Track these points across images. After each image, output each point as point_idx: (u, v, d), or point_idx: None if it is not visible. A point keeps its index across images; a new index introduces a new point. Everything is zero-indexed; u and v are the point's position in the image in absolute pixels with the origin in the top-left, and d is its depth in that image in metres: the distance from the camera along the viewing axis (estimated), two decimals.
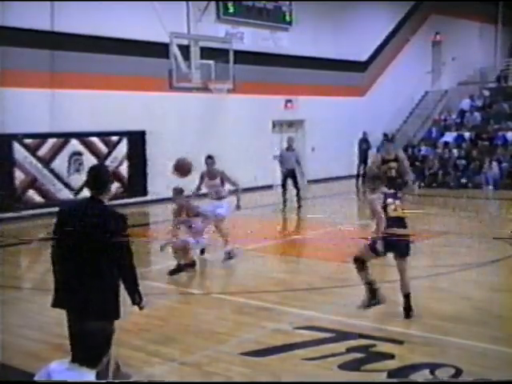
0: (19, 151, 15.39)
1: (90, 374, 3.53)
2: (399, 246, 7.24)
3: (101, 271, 4.73)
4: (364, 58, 24.91)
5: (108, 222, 4.73)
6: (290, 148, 16.57)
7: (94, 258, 4.69)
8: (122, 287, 4.90)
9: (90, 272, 4.71)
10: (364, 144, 22.65)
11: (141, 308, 4.97)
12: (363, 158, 22.61)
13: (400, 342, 6.38)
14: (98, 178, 4.88)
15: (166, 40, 15.24)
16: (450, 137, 22.98)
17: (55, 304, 4.90)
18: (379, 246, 7.02)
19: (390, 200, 7.18)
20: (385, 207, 7.07)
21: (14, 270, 10.79)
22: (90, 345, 3.59)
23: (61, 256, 4.84)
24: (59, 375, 3.48)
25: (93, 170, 4.97)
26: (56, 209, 5.21)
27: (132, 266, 4.86)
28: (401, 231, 7.16)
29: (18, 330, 7.10)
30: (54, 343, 6.52)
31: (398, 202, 7.24)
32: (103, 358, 3.62)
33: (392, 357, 6.02)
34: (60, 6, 15.39)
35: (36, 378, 3.63)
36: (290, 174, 16.72)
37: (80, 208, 4.91)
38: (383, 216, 6.97)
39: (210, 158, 11.11)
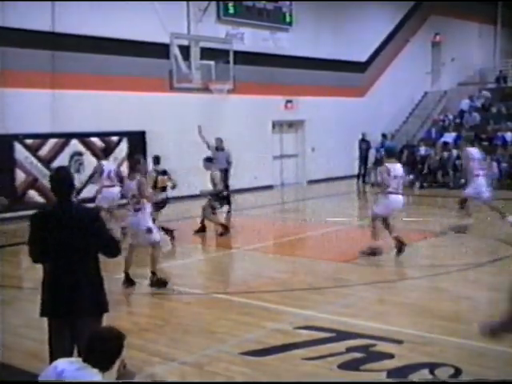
0: (20, 151, 15.42)
1: (99, 376, 3.56)
2: None
3: (88, 267, 4.78)
4: (364, 58, 24.94)
5: (89, 216, 4.83)
6: (219, 148, 16.15)
7: (81, 255, 4.74)
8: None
9: (79, 270, 4.73)
10: (364, 144, 22.71)
11: None
12: (363, 159, 22.66)
13: (399, 342, 6.40)
14: (66, 181, 4.88)
15: (166, 40, 15.28)
16: (449, 137, 23.02)
17: (46, 312, 4.86)
18: None
19: None
20: None
21: (14, 269, 10.82)
22: (104, 349, 3.65)
23: (47, 259, 4.84)
24: (71, 374, 3.51)
25: (57, 175, 4.94)
26: None
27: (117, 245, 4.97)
28: None
29: (18, 330, 7.12)
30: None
31: None
32: (116, 361, 3.67)
33: (391, 356, 6.04)
34: (61, 7, 15.41)
35: (42, 377, 3.65)
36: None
37: (56, 210, 4.87)
38: None
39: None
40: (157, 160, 12.79)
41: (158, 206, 11.60)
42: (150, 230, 8.96)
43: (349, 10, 23.48)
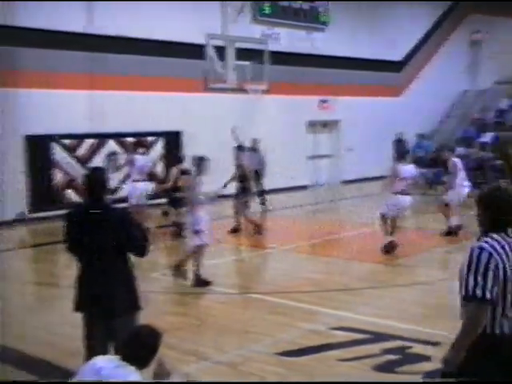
0: (58, 152, 15.65)
1: (137, 374, 3.57)
2: None
3: (119, 266, 4.85)
4: (400, 57, 24.68)
5: (119, 217, 4.89)
6: (253, 149, 15.96)
7: (112, 254, 4.79)
8: None
9: (110, 269, 4.81)
10: (399, 144, 22.42)
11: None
12: (399, 159, 22.36)
13: (436, 344, 6.30)
14: (99, 181, 4.95)
15: (201, 41, 15.32)
16: (487, 137, 22.62)
17: (79, 308, 4.96)
18: None
19: None
20: None
21: (51, 267, 10.98)
22: (141, 346, 3.67)
23: (80, 257, 4.95)
24: (109, 372, 3.53)
25: (91, 175, 5.03)
26: None
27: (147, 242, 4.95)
28: None
29: (56, 328, 7.21)
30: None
31: None
32: (153, 359, 3.68)
33: (428, 359, 5.95)
34: (98, 9, 15.60)
35: (79, 373, 3.68)
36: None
37: (88, 210, 4.95)
38: None
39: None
40: (179, 159, 12.93)
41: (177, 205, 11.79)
42: (197, 232, 8.97)
43: (385, 8, 23.27)
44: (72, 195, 15.81)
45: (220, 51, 15.41)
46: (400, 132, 22.22)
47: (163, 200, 14.30)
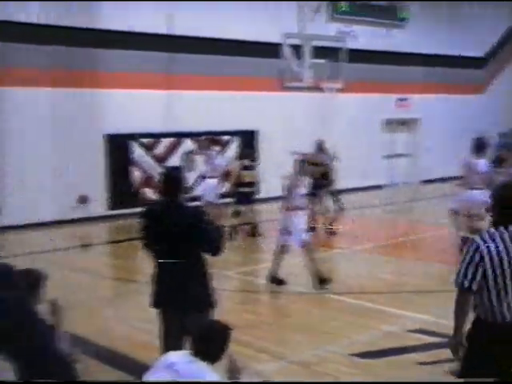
0: (136, 150, 15.99)
1: (209, 370, 3.57)
2: None
3: (194, 264, 4.87)
4: (481, 53, 23.92)
5: (193, 216, 4.89)
6: (320, 150, 15.48)
7: (186, 252, 4.82)
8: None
9: (185, 267, 4.83)
10: (480, 143, 21.73)
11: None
12: (475, 154, 21.63)
13: None
14: (174, 181, 4.99)
15: (277, 40, 15.30)
16: None
17: (156, 304, 5.01)
18: None
19: None
20: None
21: (129, 263, 11.22)
22: (212, 340, 3.69)
23: (156, 255, 5.00)
24: (183, 366, 3.55)
25: (167, 175, 5.10)
26: None
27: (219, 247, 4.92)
28: None
29: (132, 322, 7.34)
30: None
31: None
32: (224, 353, 3.70)
33: None
34: (176, 10, 15.82)
35: (153, 369, 3.71)
36: None
37: (164, 208, 5.01)
38: None
39: None
40: (250, 156, 12.85)
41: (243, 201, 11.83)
42: (287, 232, 8.87)
43: (465, 3, 22.58)
44: (149, 193, 16.12)
45: (296, 50, 15.35)
46: (481, 131, 21.48)
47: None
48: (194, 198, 12.61)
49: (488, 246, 3.71)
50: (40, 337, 3.05)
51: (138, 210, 12.75)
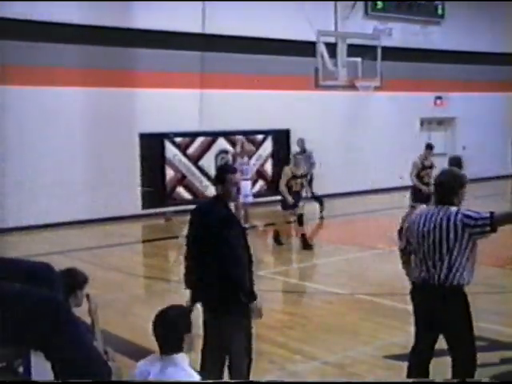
0: (170, 149, 16.05)
1: (184, 372, 3.32)
2: None
3: (220, 267, 4.70)
4: None
5: (218, 220, 4.75)
6: (301, 150, 15.16)
7: (212, 254, 4.71)
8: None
9: (212, 269, 4.73)
10: None
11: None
12: None
13: None
14: (216, 177, 4.95)
15: (312, 38, 15.22)
16: None
17: (193, 300, 4.97)
18: None
19: None
20: None
21: (162, 262, 11.26)
22: (169, 329, 3.41)
23: (191, 253, 4.97)
24: (156, 377, 3.34)
25: (216, 173, 5.02)
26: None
27: (235, 264, 4.65)
28: None
29: None
30: (200, 334, 6.67)
31: None
32: (185, 338, 3.40)
33: None
34: (210, 9, 15.84)
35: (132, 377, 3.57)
36: None
37: (204, 207, 5.03)
38: None
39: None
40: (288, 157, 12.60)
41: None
42: None
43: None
44: (182, 192, 16.17)
45: (331, 48, 15.25)
46: None
47: (270, 198, 14.30)
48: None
49: (418, 219, 4.57)
50: (77, 337, 3.04)
51: (172, 209, 12.87)
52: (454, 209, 4.56)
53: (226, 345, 4.79)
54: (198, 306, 4.93)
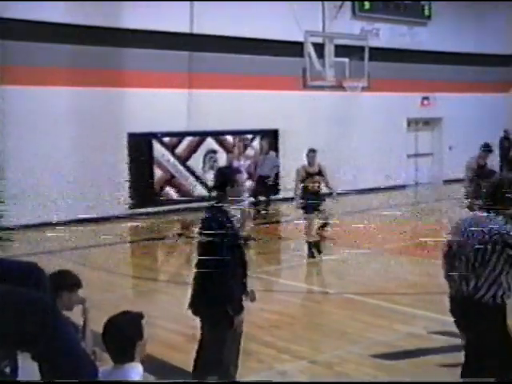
0: (158, 149, 16.03)
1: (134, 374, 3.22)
2: None
3: (209, 273, 4.64)
4: (508, 50, 23.57)
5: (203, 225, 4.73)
6: (263, 151, 15.35)
7: (209, 264, 4.66)
8: None
9: (204, 278, 4.71)
10: (506, 143, 21.45)
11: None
12: (505, 158, 21.43)
13: None
14: (223, 179, 4.77)
15: (300, 39, 15.25)
16: None
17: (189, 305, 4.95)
18: None
19: None
20: None
21: (150, 262, 11.24)
22: (120, 338, 3.24)
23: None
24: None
25: (215, 175, 4.97)
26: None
27: (225, 279, 4.62)
28: None
29: (155, 321, 7.34)
30: (189, 334, 6.69)
31: None
32: (139, 347, 3.28)
33: None
34: (198, 8, 15.84)
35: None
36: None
37: (208, 208, 4.92)
38: None
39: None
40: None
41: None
42: None
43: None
44: (171, 192, 16.15)
45: (319, 48, 15.29)
46: (506, 129, 21.26)
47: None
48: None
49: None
50: (64, 338, 3.04)
51: (160, 209, 12.81)
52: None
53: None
54: None
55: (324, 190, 10.82)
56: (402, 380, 5.57)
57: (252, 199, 13.69)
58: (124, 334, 3.19)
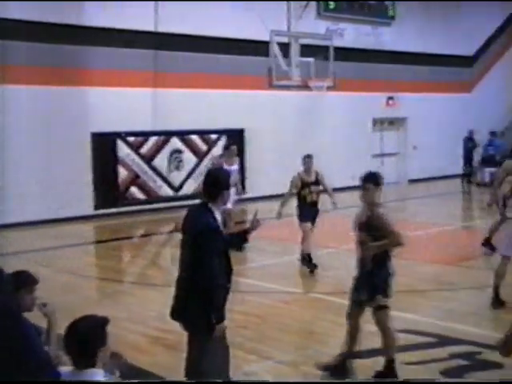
0: (122, 149, 15.86)
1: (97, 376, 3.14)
2: None
3: (195, 278, 4.51)
4: (471, 52, 23.95)
5: (196, 229, 4.55)
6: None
7: (188, 265, 4.57)
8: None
9: (186, 280, 4.59)
10: (470, 143, 21.74)
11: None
12: (468, 157, 21.74)
13: None
14: (213, 185, 4.66)
15: (265, 38, 15.25)
16: None
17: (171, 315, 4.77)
18: None
19: None
20: None
21: (116, 264, 11.12)
22: (80, 343, 3.13)
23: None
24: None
25: (209, 177, 4.77)
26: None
27: (211, 283, 4.47)
28: None
29: (121, 323, 7.26)
30: (154, 336, 6.63)
31: None
32: (99, 352, 3.16)
33: (500, 366, 5.66)
34: (163, 7, 15.74)
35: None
36: None
37: (190, 212, 4.79)
38: None
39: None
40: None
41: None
42: None
43: (455, 1, 22.56)
44: (136, 193, 16.00)
45: (284, 48, 15.30)
46: (470, 130, 21.57)
47: None
48: (187, 197, 12.47)
49: None
50: (24, 340, 2.98)
51: (125, 209, 12.66)
52: None
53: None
54: None
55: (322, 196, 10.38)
56: (366, 380, 5.60)
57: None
58: (86, 340, 3.09)
